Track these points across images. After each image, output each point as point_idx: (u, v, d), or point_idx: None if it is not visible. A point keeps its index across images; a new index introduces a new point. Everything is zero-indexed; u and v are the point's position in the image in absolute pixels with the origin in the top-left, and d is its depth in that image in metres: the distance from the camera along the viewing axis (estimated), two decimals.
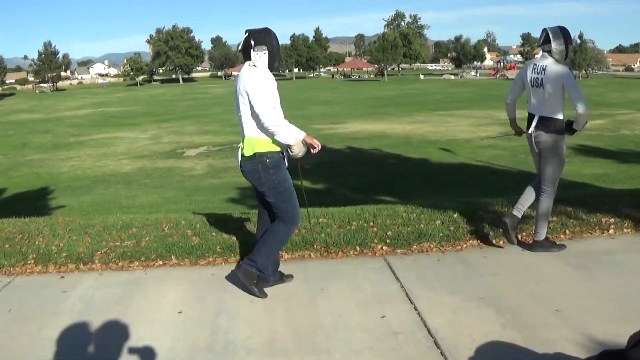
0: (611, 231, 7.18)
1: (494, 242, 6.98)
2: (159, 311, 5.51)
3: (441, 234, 7.04)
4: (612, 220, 7.36)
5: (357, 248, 6.86)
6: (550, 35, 6.32)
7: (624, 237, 7.04)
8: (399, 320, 5.10)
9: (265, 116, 5.28)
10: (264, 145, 5.49)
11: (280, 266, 6.09)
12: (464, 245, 6.92)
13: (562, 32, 6.31)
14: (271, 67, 5.53)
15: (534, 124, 6.52)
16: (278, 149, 5.56)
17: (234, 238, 7.09)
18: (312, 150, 5.69)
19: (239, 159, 5.66)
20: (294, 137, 5.49)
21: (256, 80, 5.35)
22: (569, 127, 6.44)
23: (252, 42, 5.42)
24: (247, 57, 5.50)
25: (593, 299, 5.38)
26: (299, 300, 5.64)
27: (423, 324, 5.00)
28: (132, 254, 6.83)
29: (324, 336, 4.88)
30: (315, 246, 6.85)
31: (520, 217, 6.79)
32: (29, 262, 6.79)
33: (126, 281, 6.31)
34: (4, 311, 5.65)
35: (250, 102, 5.35)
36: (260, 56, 5.44)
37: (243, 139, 5.59)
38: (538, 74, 6.39)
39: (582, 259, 6.40)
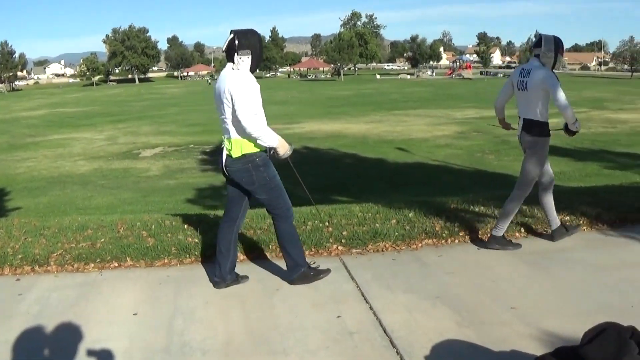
0: None
1: (449, 241, 7.03)
2: (114, 313, 5.46)
3: (396, 234, 7.06)
4: (567, 217, 7.46)
5: (313, 248, 6.85)
6: (543, 40, 6.47)
7: (579, 234, 7.11)
8: (355, 319, 5.12)
9: (247, 123, 5.28)
10: (252, 146, 5.53)
11: (236, 267, 6.08)
12: (419, 245, 6.96)
13: (555, 41, 6.47)
14: (254, 69, 5.55)
15: (520, 125, 6.64)
16: (264, 148, 5.59)
17: (190, 239, 7.04)
18: None
19: (224, 159, 5.66)
20: (276, 139, 5.50)
21: (240, 86, 5.33)
22: (566, 129, 6.61)
23: (237, 45, 5.39)
24: (230, 59, 5.47)
25: (548, 296, 5.45)
26: (254, 301, 5.64)
27: (379, 323, 5.03)
28: (87, 256, 6.75)
29: (279, 337, 4.88)
30: (270, 247, 6.83)
31: (559, 223, 6.97)
32: None
33: (82, 283, 6.24)
34: None
35: (233, 107, 5.34)
36: (243, 60, 5.43)
37: (229, 140, 5.57)
38: (524, 77, 6.52)
39: (538, 257, 6.50)
